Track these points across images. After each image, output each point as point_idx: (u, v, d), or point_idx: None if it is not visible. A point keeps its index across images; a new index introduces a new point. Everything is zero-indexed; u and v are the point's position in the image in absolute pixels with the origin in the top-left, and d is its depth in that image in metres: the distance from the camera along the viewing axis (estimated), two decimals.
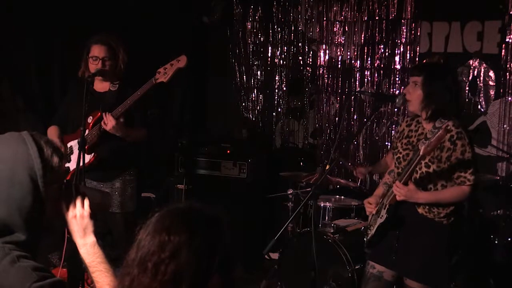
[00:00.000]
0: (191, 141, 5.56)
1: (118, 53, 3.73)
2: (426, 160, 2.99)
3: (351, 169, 4.73)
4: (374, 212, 3.21)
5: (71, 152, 3.71)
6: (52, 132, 3.80)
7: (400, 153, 3.15)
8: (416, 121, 3.17)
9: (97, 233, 1.84)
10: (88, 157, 3.63)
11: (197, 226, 1.39)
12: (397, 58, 5.30)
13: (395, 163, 3.19)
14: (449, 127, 2.86)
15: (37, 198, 1.60)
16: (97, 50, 3.68)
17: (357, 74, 5.54)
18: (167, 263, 1.33)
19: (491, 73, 4.88)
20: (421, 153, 2.83)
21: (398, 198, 3.00)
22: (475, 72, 4.94)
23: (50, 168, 1.63)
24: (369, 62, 5.46)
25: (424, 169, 3.02)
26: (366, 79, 5.50)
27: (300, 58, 5.89)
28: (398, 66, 5.30)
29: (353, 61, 5.56)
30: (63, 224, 1.84)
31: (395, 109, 5.31)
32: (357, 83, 5.55)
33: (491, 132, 4.90)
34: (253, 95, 6.19)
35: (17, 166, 1.58)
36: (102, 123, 3.57)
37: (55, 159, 1.67)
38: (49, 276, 1.58)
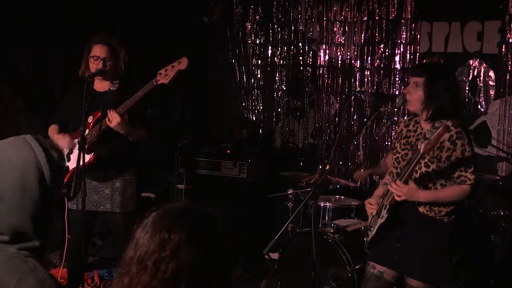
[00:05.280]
0: (191, 141, 5.56)
1: (119, 53, 3.73)
2: (426, 160, 3.00)
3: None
4: (374, 213, 3.21)
5: (71, 152, 3.71)
6: (53, 131, 3.80)
7: (399, 153, 3.15)
8: (414, 121, 3.18)
9: (97, 233, 1.84)
10: (88, 157, 3.62)
11: (197, 225, 1.39)
12: (397, 58, 5.29)
13: (394, 163, 3.19)
14: (448, 127, 2.87)
15: (47, 203, 1.60)
16: (98, 50, 3.67)
17: (357, 74, 5.54)
18: (167, 261, 1.32)
19: (491, 73, 4.87)
20: (421, 151, 2.83)
21: (397, 198, 2.99)
22: (475, 72, 4.93)
23: (57, 172, 1.63)
24: (369, 62, 5.46)
25: (424, 169, 3.02)
26: (366, 79, 5.49)
27: (300, 58, 5.89)
28: (398, 66, 5.29)
29: (353, 61, 5.55)
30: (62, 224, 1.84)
31: (395, 109, 5.31)
32: (357, 83, 5.55)
33: (491, 132, 4.89)
34: (253, 95, 6.19)
35: (27, 173, 1.56)
36: (107, 120, 3.57)
37: (61, 163, 1.67)
38: None
